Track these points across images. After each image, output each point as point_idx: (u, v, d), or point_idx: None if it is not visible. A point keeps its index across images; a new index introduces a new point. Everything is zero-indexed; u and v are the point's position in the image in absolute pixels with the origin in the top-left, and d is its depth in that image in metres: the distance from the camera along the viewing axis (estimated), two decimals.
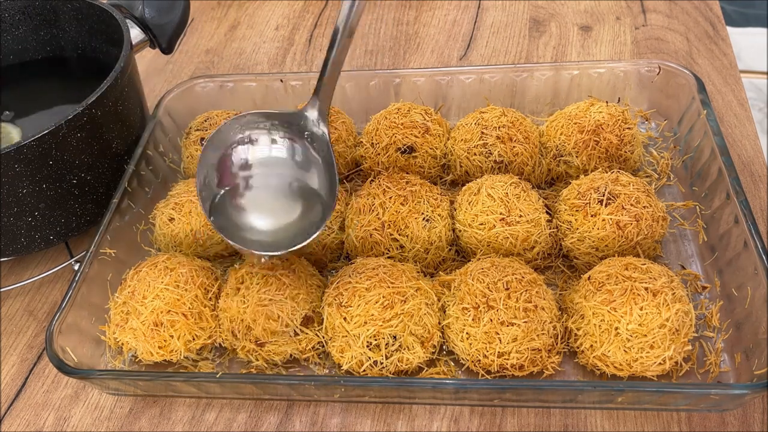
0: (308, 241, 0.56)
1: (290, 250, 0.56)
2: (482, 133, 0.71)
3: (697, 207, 0.68)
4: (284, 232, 0.59)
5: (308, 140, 0.61)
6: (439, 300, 0.60)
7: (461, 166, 0.73)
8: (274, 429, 0.59)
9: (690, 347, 0.55)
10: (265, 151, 0.62)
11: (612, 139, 0.69)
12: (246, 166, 0.61)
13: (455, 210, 0.68)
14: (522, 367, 0.56)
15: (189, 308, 0.61)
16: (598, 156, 0.70)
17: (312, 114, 0.61)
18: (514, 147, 0.70)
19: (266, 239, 0.59)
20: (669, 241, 0.67)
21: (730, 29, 0.97)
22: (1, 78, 0.84)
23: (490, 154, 0.71)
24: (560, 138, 0.71)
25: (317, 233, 0.56)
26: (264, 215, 0.60)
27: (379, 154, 0.74)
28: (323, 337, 0.60)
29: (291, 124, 0.61)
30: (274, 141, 0.62)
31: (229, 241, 0.56)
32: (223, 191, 0.60)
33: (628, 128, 0.70)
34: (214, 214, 0.58)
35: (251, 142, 0.61)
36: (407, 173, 0.70)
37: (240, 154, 0.61)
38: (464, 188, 0.69)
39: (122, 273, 0.67)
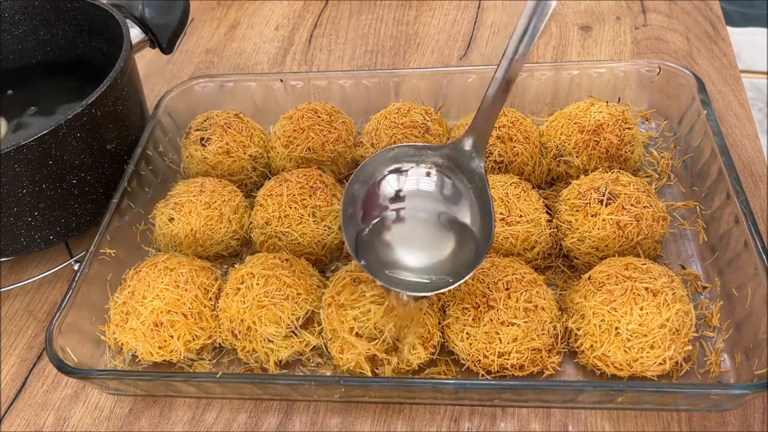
0: (461, 281, 0.51)
1: (438, 291, 0.52)
2: None
3: (697, 207, 0.68)
4: (433, 271, 0.54)
5: (461, 174, 0.56)
6: (439, 300, 0.60)
7: None
8: (274, 429, 0.59)
9: (690, 347, 0.55)
10: (413, 184, 0.57)
11: (612, 139, 0.69)
12: (393, 199, 0.56)
13: None
14: (522, 367, 0.56)
15: (189, 308, 0.61)
16: (598, 156, 0.70)
17: (467, 146, 0.55)
18: (514, 147, 0.70)
19: (414, 278, 0.54)
20: (669, 241, 0.67)
21: (730, 29, 0.97)
22: (1, 78, 0.84)
23: (490, 154, 0.71)
24: (560, 138, 0.71)
25: (470, 274, 0.51)
26: (412, 252, 0.55)
27: None
28: (323, 337, 0.60)
29: (442, 157, 0.56)
30: (422, 174, 0.57)
31: (377, 281, 0.52)
32: (369, 227, 0.55)
33: (628, 128, 0.70)
34: (359, 251, 0.54)
35: (399, 173, 0.56)
36: None
37: (386, 187, 0.56)
38: None
39: (122, 273, 0.67)
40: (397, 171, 0.56)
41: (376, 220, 0.56)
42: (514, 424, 0.57)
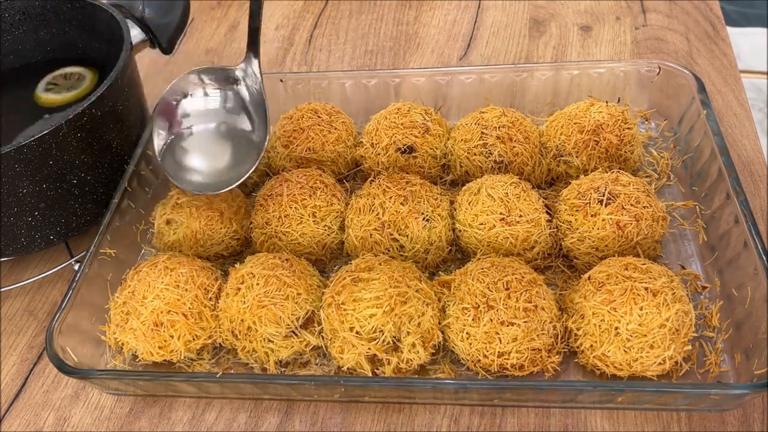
0: (239, 181, 0.65)
1: (223, 190, 0.66)
2: (482, 133, 0.71)
3: (697, 207, 0.68)
4: (221, 174, 0.68)
5: (240, 88, 0.70)
6: (439, 300, 0.60)
7: (461, 166, 0.73)
8: (274, 429, 0.59)
9: (690, 347, 0.55)
10: (200, 103, 0.71)
11: (612, 139, 0.69)
12: (186, 115, 0.70)
13: (455, 210, 0.68)
14: (522, 367, 0.56)
15: (189, 308, 0.61)
16: (598, 156, 0.70)
17: (246, 65, 0.70)
18: (514, 147, 0.70)
19: (205, 180, 0.68)
20: (669, 241, 0.67)
21: (730, 29, 0.97)
22: (1, 79, 0.84)
23: (490, 154, 0.71)
24: (560, 138, 0.71)
25: (248, 173, 0.65)
26: (201, 158, 0.69)
27: (379, 154, 0.74)
28: (323, 337, 0.60)
29: (226, 77, 0.71)
30: (207, 93, 0.71)
31: (173, 181, 0.67)
32: (170, 137, 0.70)
33: (628, 128, 0.70)
34: (164, 159, 0.69)
35: (190, 95, 0.71)
36: (407, 173, 0.70)
37: (181, 106, 0.70)
38: (464, 188, 0.69)
39: (122, 273, 0.67)
40: (187, 92, 0.71)
41: (173, 136, 0.70)
42: (513, 424, 0.57)
